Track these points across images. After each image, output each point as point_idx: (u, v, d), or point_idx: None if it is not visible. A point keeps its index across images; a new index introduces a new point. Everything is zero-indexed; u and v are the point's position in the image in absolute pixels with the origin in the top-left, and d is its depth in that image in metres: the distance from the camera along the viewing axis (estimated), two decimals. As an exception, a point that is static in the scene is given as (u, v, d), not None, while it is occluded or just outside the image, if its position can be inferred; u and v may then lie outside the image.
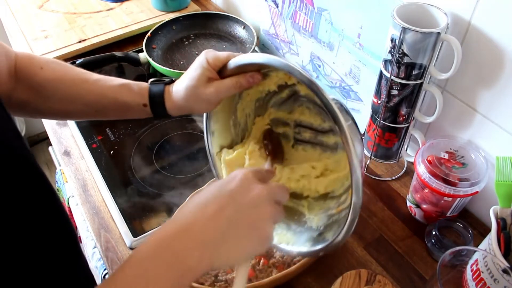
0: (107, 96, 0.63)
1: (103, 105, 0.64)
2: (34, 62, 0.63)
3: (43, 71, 0.62)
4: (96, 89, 0.63)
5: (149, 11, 1.30)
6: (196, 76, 0.58)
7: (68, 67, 0.65)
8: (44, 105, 0.64)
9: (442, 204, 0.72)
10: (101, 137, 0.96)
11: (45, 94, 0.63)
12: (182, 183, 0.87)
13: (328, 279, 0.67)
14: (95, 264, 0.83)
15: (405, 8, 0.69)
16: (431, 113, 0.76)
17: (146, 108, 0.63)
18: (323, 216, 0.59)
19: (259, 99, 0.65)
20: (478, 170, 0.69)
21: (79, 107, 0.64)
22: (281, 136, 0.66)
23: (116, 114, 0.66)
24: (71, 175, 0.89)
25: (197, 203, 0.43)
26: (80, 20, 1.26)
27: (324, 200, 0.61)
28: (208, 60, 0.58)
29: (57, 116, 0.73)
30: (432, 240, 0.72)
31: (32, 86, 0.62)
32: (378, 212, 0.80)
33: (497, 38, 0.63)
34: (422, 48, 0.67)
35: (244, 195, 0.43)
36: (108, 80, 0.64)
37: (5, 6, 1.34)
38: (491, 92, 0.68)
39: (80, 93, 0.63)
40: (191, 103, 0.60)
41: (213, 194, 0.44)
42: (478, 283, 0.55)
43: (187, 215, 0.42)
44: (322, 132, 0.62)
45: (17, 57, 0.62)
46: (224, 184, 0.45)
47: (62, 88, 0.63)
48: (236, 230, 0.41)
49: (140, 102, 0.63)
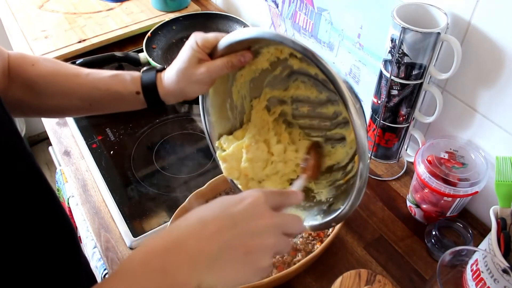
0: (100, 88, 0.63)
1: (97, 98, 0.64)
2: (26, 60, 0.63)
3: (35, 67, 0.63)
4: (88, 82, 0.63)
5: (149, 11, 1.30)
6: (187, 58, 0.58)
7: (59, 63, 0.66)
8: (38, 101, 0.64)
9: (442, 204, 0.72)
10: (101, 137, 0.96)
11: (38, 90, 0.63)
12: (182, 183, 0.87)
13: (328, 279, 0.67)
14: (95, 264, 0.83)
15: (405, 8, 0.69)
16: (431, 113, 0.76)
17: (139, 96, 0.63)
18: (331, 188, 0.59)
19: (253, 79, 0.64)
20: (478, 170, 0.69)
21: (73, 101, 0.64)
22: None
23: (111, 106, 0.66)
24: (71, 175, 0.89)
25: (197, 219, 0.41)
26: (80, 20, 1.26)
27: (330, 173, 0.60)
28: (197, 42, 0.57)
29: (53, 113, 0.72)
30: (432, 240, 0.72)
31: (25, 83, 0.62)
32: (378, 212, 0.80)
33: (497, 38, 0.63)
34: (422, 48, 0.67)
35: (247, 222, 0.41)
36: (100, 72, 0.64)
37: (5, 6, 1.34)
38: (491, 92, 0.68)
39: (73, 87, 0.63)
40: (183, 86, 0.60)
41: (215, 213, 0.41)
42: (478, 283, 0.55)
43: (184, 229, 0.41)
44: (320, 104, 0.62)
45: (9, 56, 0.63)
46: (230, 204, 0.42)
47: (54, 83, 0.63)
48: (231, 256, 0.39)
49: (132, 90, 0.63)
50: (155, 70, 0.64)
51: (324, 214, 0.56)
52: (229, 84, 0.64)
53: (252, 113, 0.66)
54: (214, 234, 0.39)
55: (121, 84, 0.63)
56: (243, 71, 0.62)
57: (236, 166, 0.62)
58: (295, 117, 0.65)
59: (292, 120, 0.65)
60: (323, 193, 0.60)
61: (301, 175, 0.59)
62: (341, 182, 0.58)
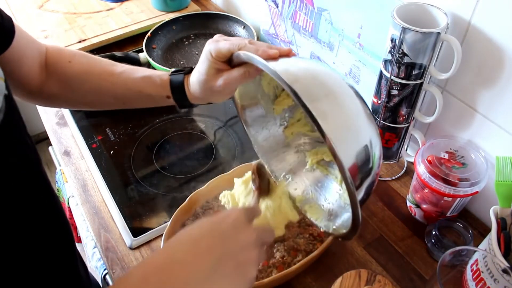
0: (132, 90, 0.64)
1: (129, 98, 0.65)
2: (62, 56, 0.64)
3: (71, 64, 0.64)
4: (121, 82, 0.64)
5: (149, 11, 1.30)
6: (205, 70, 0.58)
7: (95, 60, 0.66)
8: (73, 97, 0.66)
9: (442, 204, 0.72)
10: (101, 137, 0.96)
11: (73, 88, 0.64)
12: (182, 183, 0.87)
13: (328, 279, 0.67)
14: (95, 264, 0.83)
15: (405, 8, 0.69)
16: (431, 113, 0.76)
17: (169, 100, 0.65)
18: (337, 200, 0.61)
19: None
20: (478, 170, 0.69)
21: (107, 99, 0.66)
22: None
23: (144, 105, 0.68)
24: (71, 175, 0.89)
25: (188, 238, 0.44)
26: (80, 20, 1.26)
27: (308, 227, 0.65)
28: (211, 53, 0.57)
29: (88, 108, 0.75)
30: (432, 240, 0.72)
31: (61, 80, 0.64)
32: (378, 212, 0.80)
33: (497, 38, 0.63)
34: (422, 48, 0.67)
35: (234, 238, 0.44)
36: (132, 72, 0.65)
37: (5, 6, 1.34)
38: (491, 92, 0.68)
39: (106, 86, 0.64)
40: (206, 96, 0.61)
41: (205, 232, 0.44)
42: (478, 283, 0.55)
43: (178, 248, 0.43)
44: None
45: (47, 51, 0.64)
46: (218, 223, 0.45)
47: (88, 81, 0.64)
48: (223, 270, 0.42)
49: (163, 94, 0.64)
50: (183, 73, 0.64)
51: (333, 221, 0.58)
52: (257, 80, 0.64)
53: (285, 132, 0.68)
54: (207, 252, 0.42)
55: (152, 88, 0.64)
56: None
57: None
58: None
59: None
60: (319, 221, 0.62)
61: (253, 193, 0.64)
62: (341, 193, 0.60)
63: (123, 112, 1.03)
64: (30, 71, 0.61)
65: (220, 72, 0.58)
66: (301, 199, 0.66)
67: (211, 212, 0.77)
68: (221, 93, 0.60)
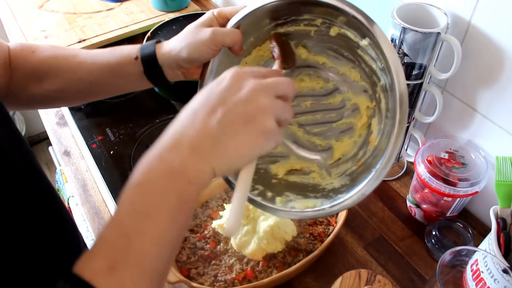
0: (99, 63, 0.61)
1: (96, 75, 0.62)
2: (25, 48, 0.63)
3: (35, 54, 0.62)
4: (87, 59, 0.62)
5: (149, 11, 1.30)
6: (198, 21, 0.57)
7: (59, 47, 0.65)
8: (40, 88, 0.63)
9: (442, 204, 0.72)
10: (101, 137, 0.96)
11: (40, 76, 0.62)
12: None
13: (328, 279, 0.67)
14: (95, 264, 0.83)
15: (405, 8, 0.69)
16: (431, 113, 0.76)
17: (137, 62, 0.60)
18: (342, 177, 0.57)
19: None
20: (478, 170, 0.69)
21: (74, 83, 0.62)
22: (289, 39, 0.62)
23: (111, 83, 0.64)
24: (71, 175, 0.89)
25: (186, 113, 0.40)
26: (80, 20, 1.26)
27: (337, 166, 0.59)
28: (213, 12, 0.57)
29: (58, 101, 0.71)
30: (432, 240, 0.72)
31: (26, 71, 0.62)
32: (378, 212, 0.80)
33: (497, 38, 0.63)
34: (422, 48, 0.67)
35: (235, 94, 0.39)
36: (99, 50, 0.63)
37: (5, 6, 1.34)
38: (491, 92, 0.68)
39: (72, 67, 0.62)
40: (184, 44, 0.56)
41: (202, 100, 0.40)
42: (478, 283, 0.55)
43: (175, 128, 0.40)
44: (326, 94, 0.60)
45: (10, 48, 0.63)
46: (214, 86, 0.41)
47: (54, 66, 0.62)
48: (230, 131, 0.38)
49: (131, 56, 0.60)
50: (158, 40, 0.62)
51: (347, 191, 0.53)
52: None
53: None
54: (208, 117, 0.38)
55: (120, 54, 0.61)
56: (248, 58, 0.61)
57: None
58: (295, 115, 0.63)
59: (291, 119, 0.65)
60: (334, 183, 0.58)
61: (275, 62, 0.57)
62: (353, 169, 0.56)
63: (123, 112, 1.03)
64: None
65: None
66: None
67: (210, 212, 0.77)
68: (202, 44, 0.55)
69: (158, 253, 0.37)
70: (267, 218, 0.69)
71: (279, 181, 0.61)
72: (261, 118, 0.39)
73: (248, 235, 0.68)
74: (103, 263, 0.35)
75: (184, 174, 0.38)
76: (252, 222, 0.69)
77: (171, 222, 0.37)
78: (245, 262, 0.68)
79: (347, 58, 0.57)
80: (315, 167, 0.62)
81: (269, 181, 0.60)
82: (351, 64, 0.57)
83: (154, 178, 0.38)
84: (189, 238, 0.72)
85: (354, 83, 0.58)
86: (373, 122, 0.56)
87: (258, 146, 0.40)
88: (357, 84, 0.58)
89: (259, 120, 0.39)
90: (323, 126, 0.62)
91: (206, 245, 0.71)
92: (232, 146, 0.38)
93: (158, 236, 0.37)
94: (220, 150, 0.38)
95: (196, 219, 0.76)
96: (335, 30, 0.54)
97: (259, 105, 0.39)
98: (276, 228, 0.68)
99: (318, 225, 0.73)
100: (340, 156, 0.60)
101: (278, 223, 0.68)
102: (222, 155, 0.39)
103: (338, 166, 0.60)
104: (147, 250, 0.36)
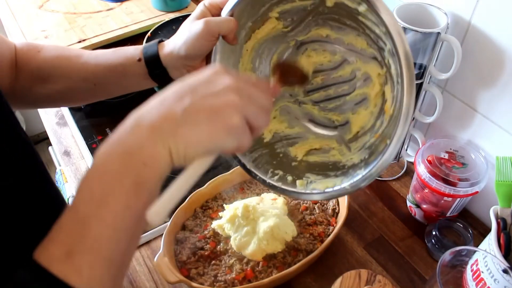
0: (102, 64, 0.61)
1: (100, 76, 0.62)
2: (31, 48, 0.63)
3: (40, 53, 0.62)
4: (91, 59, 0.62)
5: (149, 11, 1.30)
6: (192, 16, 0.57)
7: (64, 47, 0.65)
8: (45, 88, 0.63)
9: (442, 204, 0.72)
10: (101, 137, 0.96)
11: (44, 76, 0.62)
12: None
13: (328, 279, 0.67)
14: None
15: (405, 8, 0.69)
16: (431, 113, 0.76)
17: (141, 64, 0.60)
18: (362, 150, 0.56)
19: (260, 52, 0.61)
20: (478, 170, 0.69)
21: (78, 84, 0.63)
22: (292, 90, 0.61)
23: (116, 83, 0.64)
24: (71, 175, 0.89)
25: (156, 99, 0.40)
26: (80, 20, 1.26)
27: (356, 140, 0.59)
28: (204, 3, 0.57)
29: (63, 101, 0.71)
30: (432, 240, 0.72)
31: (32, 71, 0.62)
32: (378, 212, 0.80)
33: (497, 38, 0.63)
34: (422, 48, 0.67)
35: (206, 85, 0.39)
36: (102, 50, 0.63)
37: (5, 6, 1.34)
38: (491, 92, 0.68)
39: (76, 68, 0.62)
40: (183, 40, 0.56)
41: (174, 89, 0.40)
42: (478, 283, 0.55)
43: (144, 109, 0.39)
44: (334, 67, 0.60)
45: (16, 47, 0.63)
46: (190, 78, 0.40)
47: (58, 66, 0.62)
48: (195, 118, 0.38)
49: (134, 58, 0.60)
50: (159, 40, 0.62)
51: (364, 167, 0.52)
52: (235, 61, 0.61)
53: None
54: (174, 103, 0.38)
55: (123, 55, 0.61)
56: (248, 44, 0.60)
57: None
58: (308, 93, 0.62)
59: (304, 98, 0.63)
60: (354, 158, 0.57)
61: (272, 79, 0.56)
62: (372, 141, 0.56)
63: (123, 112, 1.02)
64: (2, 71, 0.59)
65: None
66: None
67: (210, 212, 0.77)
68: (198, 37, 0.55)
69: (115, 239, 0.36)
70: (267, 219, 0.69)
71: (299, 163, 0.61)
72: (227, 113, 0.38)
73: (248, 236, 0.68)
74: (60, 249, 0.35)
75: (139, 156, 0.37)
76: (252, 223, 0.69)
77: (127, 208, 0.37)
78: (245, 262, 0.68)
79: (351, 27, 0.55)
80: (335, 144, 0.61)
81: (289, 164, 0.60)
82: (355, 32, 0.55)
83: (110, 161, 0.37)
84: (189, 238, 0.72)
85: (362, 51, 0.56)
86: (386, 90, 0.55)
87: (218, 139, 0.38)
88: (364, 52, 0.56)
89: (225, 114, 0.38)
90: (337, 100, 0.61)
91: (206, 245, 0.71)
92: (191, 132, 0.38)
93: (114, 221, 0.36)
94: (179, 134, 0.37)
95: (196, 219, 0.76)
96: (331, 0, 0.53)
97: (228, 100, 0.38)
98: (276, 228, 0.68)
99: (318, 225, 0.73)
100: (358, 130, 0.59)
101: (278, 223, 0.68)
102: (179, 140, 0.38)
103: (357, 140, 0.58)
104: (104, 236, 0.35)
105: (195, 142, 0.38)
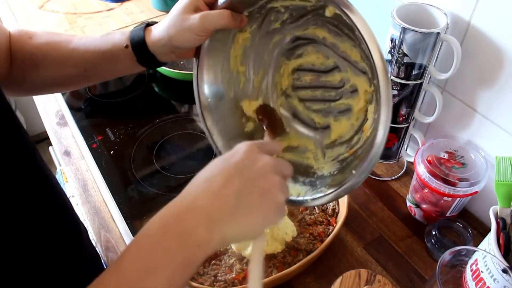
0: (91, 50, 0.61)
1: (90, 61, 0.62)
2: (23, 34, 0.63)
3: (32, 39, 0.63)
4: (81, 46, 0.62)
5: (149, 11, 1.30)
6: (183, 5, 0.55)
7: (55, 33, 0.65)
8: (38, 75, 0.63)
9: (442, 204, 0.72)
10: (101, 137, 0.96)
11: (36, 62, 0.62)
12: (182, 183, 0.87)
13: (328, 279, 0.67)
14: (95, 264, 0.83)
15: (405, 8, 0.69)
16: (431, 113, 0.76)
17: (128, 50, 0.60)
18: (334, 162, 0.57)
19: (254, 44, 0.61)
20: (478, 170, 0.70)
21: (68, 69, 0.63)
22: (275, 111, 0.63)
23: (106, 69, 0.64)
24: (71, 175, 0.89)
25: (202, 179, 0.41)
26: (80, 20, 1.26)
27: (332, 148, 0.59)
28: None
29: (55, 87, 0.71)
30: (432, 240, 0.72)
31: (25, 58, 0.62)
32: (378, 212, 0.80)
33: (497, 38, 0.63)
34: (422, 48, 0.67)
35: (250, 167, 0.41)
36: (92, 36, 0.64)
37: (5, 6, 1.34)
38: (490, 92, 0.68)
39: (66, 54, 0.62)
40: (173, 33, 0.56)
41: (218, 168, 0.42)
42: (478, 283, 0.55)
43: (192, 191, 0.41)
44: (325, 71, 0.59)
45: (10, 34, 0.63)
46: (229, 157, 0.43)
47: (49, 52, 0.63)
48: (246, 202, 0.40)
49: (122, 44, 0.60)
50: (146, 23, 0.61)
51: (329, 187, 0.53)
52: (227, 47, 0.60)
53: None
54: (224, 186, 0.40)
55: (111, 41, 0.61)
56: (242, 35, 0.59)
57: None
58: (296, 89, 0.63)
59: (291, 92, 0.63)
60: (324, 168, 0.58)
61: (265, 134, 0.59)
62: (345, 156, 0.56)
63: (123, 112, 1.03)
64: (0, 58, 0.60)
65: (198, 11, 0.55)
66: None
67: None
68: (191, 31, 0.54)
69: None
70: None
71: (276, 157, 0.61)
72: (274, 192, 0.41)
73: None
74: None
75: (196, 238, 0.39)
76: None
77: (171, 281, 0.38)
78: (245, 262, 0.68)
79: (348, 36, 0.55)
80: (312, 145, 0.61)
81: None
82: (352, 42, 0.55)
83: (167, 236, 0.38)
84: (189, 238, 0.72)
85: (355, 63, 0.56)
86: (369, 109, 0.55)
87: (271, 219, 0.42)
88: (357, 65, 0.56)
89: (274, 194, 0.41)
90: (323, 104, 0.62)
91: (206, 245, 0.71)
92: (248, 217, 0.40)
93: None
94: (234, 219, 0.39)
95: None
96: (330, 11, 0.53)
97: (273, 181, 0.41)
98: (276, 229, 0.68)
99: (318, 225, 0.73)
100: (336, 137, 0.60)
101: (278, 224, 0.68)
102: (236, 225, 0.40)
103: (333, 148, 0.59)
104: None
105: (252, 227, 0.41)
